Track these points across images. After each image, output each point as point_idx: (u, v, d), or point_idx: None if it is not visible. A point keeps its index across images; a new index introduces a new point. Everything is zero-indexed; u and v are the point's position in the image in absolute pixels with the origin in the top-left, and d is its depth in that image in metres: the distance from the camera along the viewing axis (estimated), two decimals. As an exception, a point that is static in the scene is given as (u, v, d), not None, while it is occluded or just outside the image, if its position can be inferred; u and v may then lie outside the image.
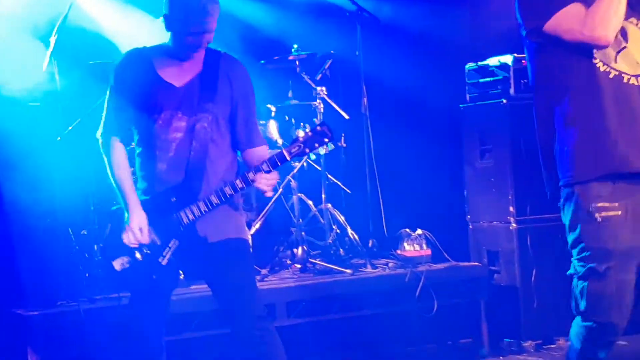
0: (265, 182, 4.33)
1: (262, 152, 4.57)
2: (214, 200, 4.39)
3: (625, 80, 4.00)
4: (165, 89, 4.47)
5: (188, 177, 4.44)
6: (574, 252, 4.15)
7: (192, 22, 4.30)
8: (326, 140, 4.36)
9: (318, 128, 4.38)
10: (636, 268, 4.07)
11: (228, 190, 4.37)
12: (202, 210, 4.40)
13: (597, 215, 4.01)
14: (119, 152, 4.57)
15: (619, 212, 4.00)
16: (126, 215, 4.45)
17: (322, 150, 4.42)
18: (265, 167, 4.31)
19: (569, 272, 4.22)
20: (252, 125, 4.59)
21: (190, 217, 4.41)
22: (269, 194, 4.43)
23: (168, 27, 4.41)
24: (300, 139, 4.36)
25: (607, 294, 4.02)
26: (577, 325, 4.19)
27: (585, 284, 4.08)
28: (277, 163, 4.33)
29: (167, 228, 4.45)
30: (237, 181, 4.36)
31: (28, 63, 6.51)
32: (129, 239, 4.42)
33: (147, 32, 6.67)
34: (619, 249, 4.00)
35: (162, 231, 4.45)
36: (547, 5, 4.02)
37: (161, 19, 4.43)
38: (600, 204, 4.00)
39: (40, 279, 6.08)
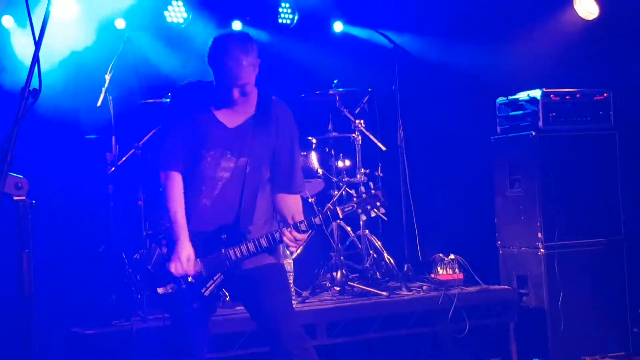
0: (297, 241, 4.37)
1: (294, 201, 4.56)
2: (264, 243, 4.36)
3: None
4: (218, 128, 4.43)
5: (239, 217, 4.40)
6: None
7: (226, 77, 4.29)
8: (378, 204, 4.36)
9: (373, 192, 4.39)
10: None
11: (278, 236, 4.35)
12: (251, 251, 4.37)
13: None
14: (178, 185, 4.47)
15: None
16: (176, 245, 4.39)
17: (373, 213, 4.40)
18: (317, 220, 4.33)
19: None
20: (291, 170, 4.55)
21: (239, 255, 4.37)
22: (293, 249, 4.41)
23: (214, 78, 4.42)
24: (355, 200, 4.38)
25: None
26: None
27: None
28: (329, 218, 4.35)
29: (214, 262, 4.41)
30: (286, 230, 4.35)
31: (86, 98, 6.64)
32: (176, 269, 4.37)
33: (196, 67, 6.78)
34: None
35: (209, 264, 4.41)
36: None
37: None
38: None
39: (97, 299, 6.21)
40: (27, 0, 3.04)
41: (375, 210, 4.39)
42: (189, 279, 4.38)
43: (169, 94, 6.57)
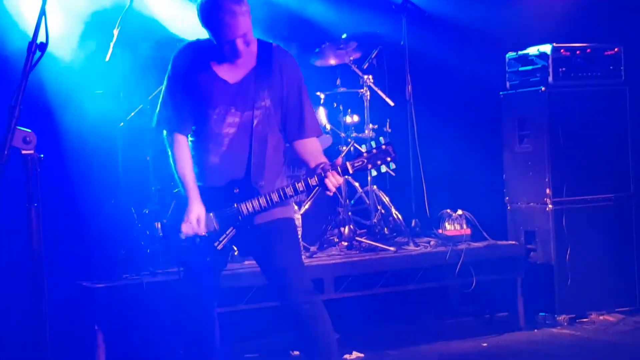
0: (333, 182, 4.31)
1: (312, 143, 4.54)
2: (275, 198, 4.37)
3: None
4: (220, 85, 4.43)
5: (250, 172, 4.41)
6: None
7: (225, 32, 4.26)
8: (389, 159, 4.32)
9: (383, 147, 4.33)
10: None
11: (289, 191, 4.35)
12: (262, 205, 4.38)
13: None
14: (183, 146, 4.52)
15: None
16: (187, 206, 4.44)
17: (383, 168, 4.36)
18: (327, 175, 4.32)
19: None
20: (302, 116, 4.52)
21: (250, 209, 4.39)
22: (332, 193, 4.40)
23: (210, 35, 4.39)
24: (365, 155, 4.34)
25: None
26: None
27: None
28: (338, 173, 4.32)
29: (227, 217, 4.44)
30: (299, 184, 4.33)
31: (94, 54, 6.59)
32: (186, 230, 4.43)
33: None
34: None
35: (221, 219, 4.46)
36: None
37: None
38: None
39: (106, 254, 6.19)
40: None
41: (385, 165, 4.38)
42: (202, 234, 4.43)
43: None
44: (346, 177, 7.01)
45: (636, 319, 7.01)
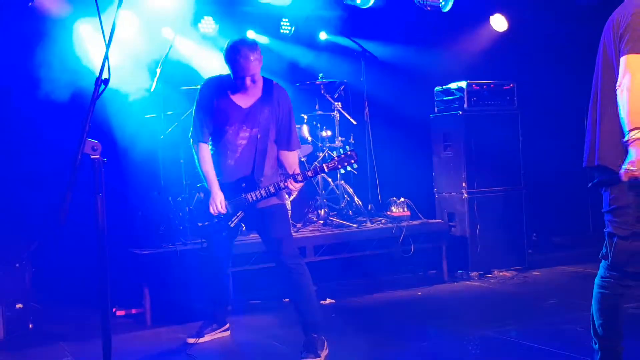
0: (291, 187, 4.40)
1: (292, 155, 4.54)
2: (272, 189, 4.39)
3: None
4: (235, 109, 4.44)
5: (254, 171, 4.41)
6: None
7: (239, 71, 4.27)
8: (353, 161, 4.35)
9: (349, 152, 4.36)
10: None
11: (282, 184, 4.36)
12: (263, 195, 4.41)
13: None
14: (206, 151, 4.54)
15: None
16: (212, 194, 4.46)
17: (348, 168, 4.42)
18: (309, 173, 4.35)
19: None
20: (289, 134, 4.53)
21: (254, 198, 4.42)
22: (294, 193, 4.43)
23: (231, 72, 4.39)
24: (335, 158, 4.35)
25: None
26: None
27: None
28: (317, 172, 4.34)
29: (237, 203, 4.46)
30: (289, 180, 4.36)
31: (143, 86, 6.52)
32: (214, 209, 4.44)
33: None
34: None
35: (233, 204, 4.47)
36: None
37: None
38: None
39: (150, 229, 6.10)
40: (99, 12, 3.00)
41: (350, 166, 4.41)
42: (220, 215, 4.46)
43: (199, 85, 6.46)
44: (323, 174, 7.02)
45: (525, 275, 6.96)
